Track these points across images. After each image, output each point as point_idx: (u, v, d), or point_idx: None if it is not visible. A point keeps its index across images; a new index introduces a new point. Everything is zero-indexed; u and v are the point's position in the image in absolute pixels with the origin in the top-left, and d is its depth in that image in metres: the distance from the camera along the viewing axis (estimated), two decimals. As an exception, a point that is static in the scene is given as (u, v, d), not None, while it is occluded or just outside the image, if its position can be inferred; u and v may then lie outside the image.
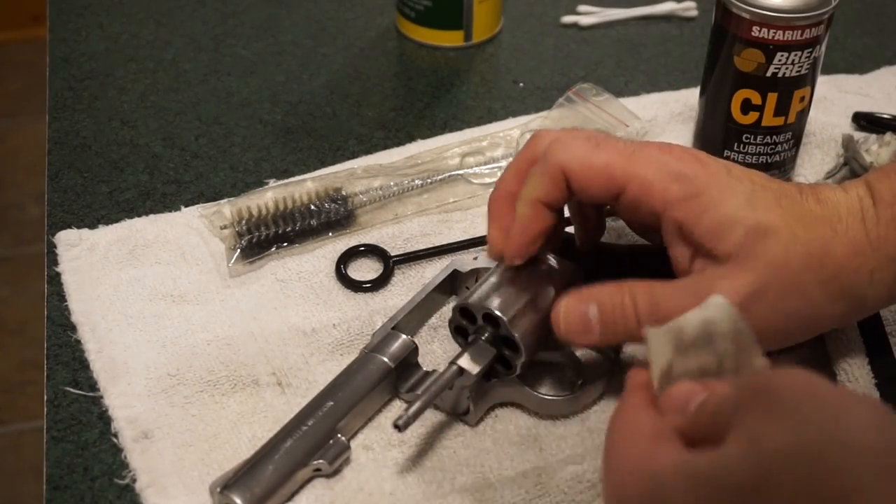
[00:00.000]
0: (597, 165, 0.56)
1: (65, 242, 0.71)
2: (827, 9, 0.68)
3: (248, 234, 0.70)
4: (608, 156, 0.56)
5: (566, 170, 0.57)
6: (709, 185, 0.55)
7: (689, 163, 0.56)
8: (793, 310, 0.55)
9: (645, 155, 0.56)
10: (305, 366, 0.63)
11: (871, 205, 0.56)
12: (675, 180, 0.55)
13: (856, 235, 0.55)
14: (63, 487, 0.58)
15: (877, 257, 0.55)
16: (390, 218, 0.73)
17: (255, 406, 0.61)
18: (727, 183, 0.56)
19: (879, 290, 0.56)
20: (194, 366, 0.63)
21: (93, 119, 0.84)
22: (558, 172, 0.57)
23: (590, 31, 0.97)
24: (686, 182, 0.55)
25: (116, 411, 0.61)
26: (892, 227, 0.55)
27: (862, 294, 0.56)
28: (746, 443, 0.41)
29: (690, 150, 0.57)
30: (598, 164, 0.56)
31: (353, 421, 0.59)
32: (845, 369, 0.60)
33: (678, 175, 0.55)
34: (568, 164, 0.56)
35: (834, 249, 0.55)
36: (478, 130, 0.82)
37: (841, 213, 0.56)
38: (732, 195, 0.55)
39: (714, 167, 0.56)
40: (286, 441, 0.56)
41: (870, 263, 0.55)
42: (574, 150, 0.57)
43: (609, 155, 0.56)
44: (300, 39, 0.95)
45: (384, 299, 0.68)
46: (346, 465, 0.58)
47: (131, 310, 0.67)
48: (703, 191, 0.55)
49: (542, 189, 0.57)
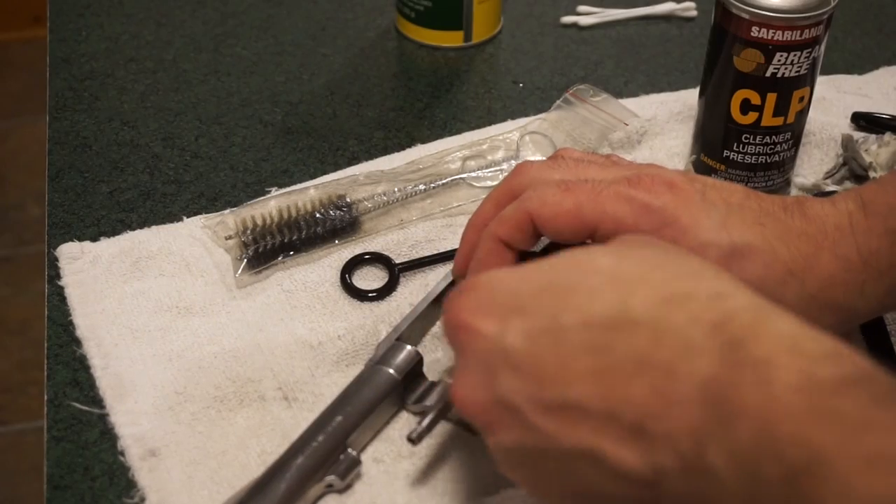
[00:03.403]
0: (566, 210, 0.56)
1: (67, 255, 0.70)
2: (826, 9, 0.68)
3: (253, 243, 0.70)
4: (576, 198, 0.56)
5: (535, 217, 0.57)
6: (679, 213, 0.55)
7: (658, 193, 0.55)
8: None
9: (613, 192, 0.56)
10: (311, 379, 0.63)
11: (863, 218, 0.56)
12: (645, 213, 0.55)
13: (844, 251, 0.55)
14: (63, 487, 0.58)
15: (867, 271, 0.55)
16: (395, 224, 0.73)
17: (262, 421, 0.61)
18: (700, 208, 0.55)
19: (871, 303, 0.56)
20: (201, 381, 0.63)
21: (93, 119, 0.84)
22: (526, 218, 0.57)
23: (589, 32, 0.97)
24: (655, 214, 0.55)
25: (123, 429, 0.60)
26: (885, 241, 0.55)
27: (852, 307, 0.56)
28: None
29: (664, 175, 0.57)
30: (567, 209, 0.56)
31: (363, 435, 0.59)
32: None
33: (646, 207, 0.55)
34: (537, 212, 0.57)
35: (818, 265, 0.55)
36: (477, 133, 0.82)
37: (827, 229, 0.56)
38: (706, 218, 0.55)
39: (687, 192, 0.56)
40: (297, 458, 0.56)
41: (860, 278, 0.55)
42: (544, 197, 0.57)
43: (577, 197, 0.56)
44: (300, 39, 0.95)
45: (389, 308, 0.68)
46: (357, 479, 0.58)
47: (136, 323, 0.66)
48: (673, 220, 0.55)
49: (504, 230, 0.58)
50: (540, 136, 0.81)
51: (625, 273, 0.47)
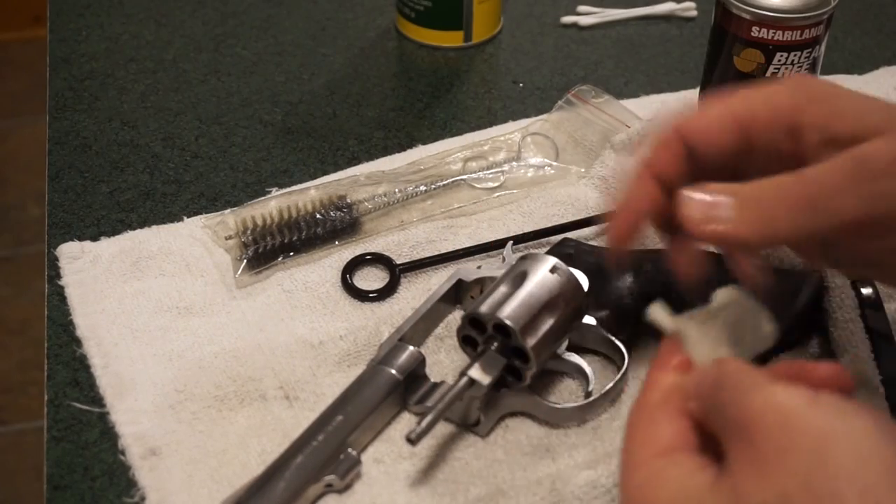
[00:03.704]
0: (715, 112, 0.51)
1: (67, 255, 0.70)
2: (826, 9, 0.68)
3: (253, 244, 0.70)
4: (721, 101, 0.52)
5: (684, 131, 0.51)
6: (836, 87, 0.51)
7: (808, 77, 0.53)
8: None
9: (754, 88, 0.51)
10: (313, 378, 0.63)
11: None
12: (802, 89, 0.51)
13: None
14: (63, 487, 0.58)
15: None
16: (395, 225, 0.73)
17: (263, 420, 0.61)
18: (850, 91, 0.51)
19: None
20: (201, 380, 0.62)
21: (93, 119, 0.84)
22: (675, 137, 0.52)
23: (590, 32, 0.97)
24: (813, 87, 0.51)
25: (123, 428, 0.60)
26: None
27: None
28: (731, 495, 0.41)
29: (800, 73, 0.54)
30: (715, 111, 0.51)
31: (363, 435, 0.59)
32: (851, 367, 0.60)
33: (802, 84, 0.51)
34: (684, 124, 0.52)
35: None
36: (479, 135, 0.82)
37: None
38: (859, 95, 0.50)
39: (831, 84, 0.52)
40: (297, 457, 0.56)
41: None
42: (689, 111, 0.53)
43: (721, 101, 0.52)
44: (300, 39, 0.95)
45: (391, 308, 0.67)
46: (357, 479, 0.58)
47: (136, 323, 0.66)
48: (832, 89, 0.50)
49: (655, 158, 0.51)
50: (541, 137, 0.81)
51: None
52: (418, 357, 0.61)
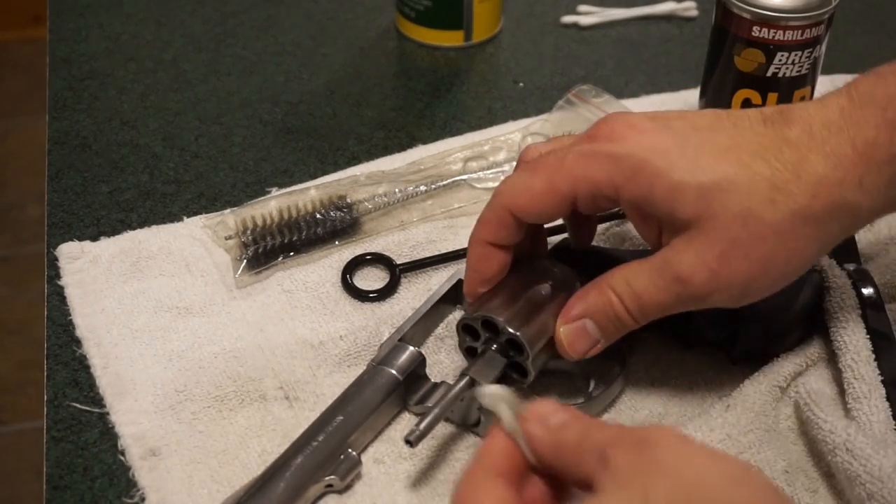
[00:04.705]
0: (539, 190, 0.55)
1: (66, 255, 0.70)
2: (827, 9, 0.68)
3: (253, 244, 0.70)
4: (544, 174, 0.55)
5: (512, 208, 0.56)
6: (648, 156, 0.53)
7: (621, 139, 0.53)
8: (768, 255, 0.53)
9: (576, 154, 0.54)
10: (313, 379, 0.63)
11: (857, 109, 0.53)
12: (614, 165, 0.53)
13: (835, 147, 0.53)
14: (63, 487, 0.58)
15: (865, 164, 0.53)
16: (395, 225, 0.73)
17: (263, 420, 0.61)
18: (670, 144, 0.53)
19: (873, 197, 0.53)
20: (201, 381, 0.62)
21: (93, 119, 0.84)
22: (504, 213, 0.57)
23: (590, 31, 0.97)
24: (624, 162, 0.53)
25: (123, 428, 0.60)
26: (884, 132, 0.53)
27: (853, 206, 0.53)
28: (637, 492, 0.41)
29: (622, 120, 0.55)
30: (539, 189, 0.55)
31: (364, 435, 0.59)
32: (851, 367, 0.60)
33: (613, 158, 0.53)
34: (512, 203, 0.56)
35: (806, 170, 0.52)
36: (479, 134, 0.82)
37: (814, 130, 0.53)
38: (678, 157, 0.52)
39: (650, 129, 0.54)
40: (297, 457, 0.56)
41: (856, 172, 0.52)
42: (514, 185, 0.56)
43: (544, 173, 0.55)
44: (300, 39, 0.95)
45: (391, 308, 0.67)
46: (357, 479, 0.58)
47: (136, 323, 0.66)
48: (644, 165, 0.53)
49: (487, 231, 0.58)
50: (542, 136, 0.80)
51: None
52: (418, 357, 0.61)
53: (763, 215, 0.52)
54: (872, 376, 0.60)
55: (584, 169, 0.54)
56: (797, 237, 0.53)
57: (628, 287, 0.55)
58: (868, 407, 0.58)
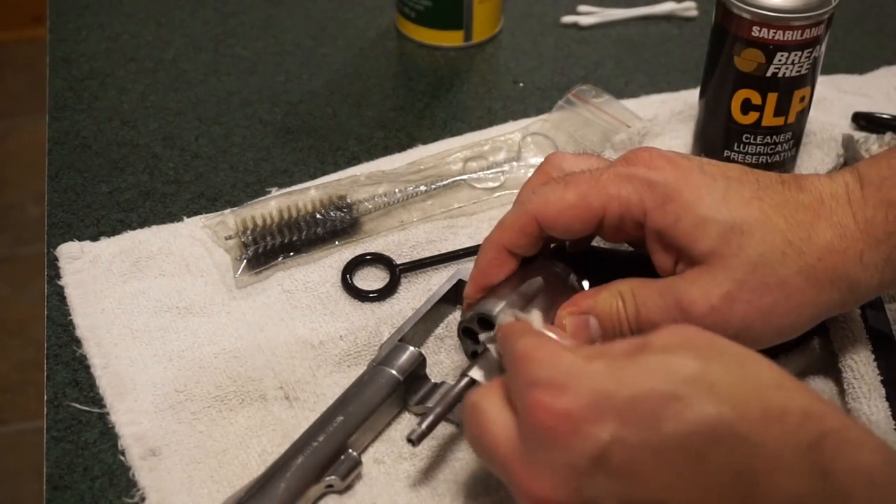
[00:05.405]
0: (570, 203, 0.56)
1: (66, 255, 0.70)
2: (827, 9, 0.68)
3: (253, 244, 0.70)
4: (578, 189, 0.56)
5: (540, 217, 0.57)
6: (681, 187, 0.55)
7: (658, 168, 0.56)
8: (770, 304, 0.54)
9: (613, 174, 0.56)
10: (313, 379, 0.63)
11: (859, 188, 0.56)
12: (649, 189, 0.56)
13: (841, 219, 0.56)
14: (63, 487, 0.58)
15: (865, 240, 0.55)
16: (395, 225, 0.73)
17: (263, 420, 0.61)
18: (701, 182, 0.56)
19: (871, 273, 0.56)
20: (201, 381, 0.62)
21: (93, 119, 0.84)
22: (530, 221, 0.57)
23: (590, 31, 0.97)
24: (658, 189, 0.55)
25: (123, 428, 0.60)
26: (880, 210, 0.55)
27: (853, 278, 0.55)
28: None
29: (659, 152, 0.57)
30: (571, 202, 0.56)
31: (364, 435, 0.59)
32: (851, 367, 0.60)
33: (649, 183, 0.56)
34: (541, 212, 0.57)
35: (816, 234, 0.55)
36: (479, 134, 0.82)
37: (824, 198, 0.56)
38: (707, 194, 0.55)
39: (686, 166, 0.56)
40: (297, 458, 0.56)
41: (858, 246, 0.55)
42: (545, 196, 0.57)
43: (578, 188, 0.56)
44: (300, 39, 0.95)
45: (391, 308, 0.67)
46: (358, 480, 0.58)
47: (136, 323, 0.66)
48: (676, 195, 0.55)
49: (508, 236, 0.58)
50: (542, 136, 0.80)
51: (716, 383, 0.45)
52: (419, 357, 0.61)
53: (773, 265, 0.54)
54: (872, 376, 0.60)
55: (618, 188, 0.56)
56: (799, 294, 0.55)
57: (633, 297, 0.56)
58: (868, 407, 0.58)
